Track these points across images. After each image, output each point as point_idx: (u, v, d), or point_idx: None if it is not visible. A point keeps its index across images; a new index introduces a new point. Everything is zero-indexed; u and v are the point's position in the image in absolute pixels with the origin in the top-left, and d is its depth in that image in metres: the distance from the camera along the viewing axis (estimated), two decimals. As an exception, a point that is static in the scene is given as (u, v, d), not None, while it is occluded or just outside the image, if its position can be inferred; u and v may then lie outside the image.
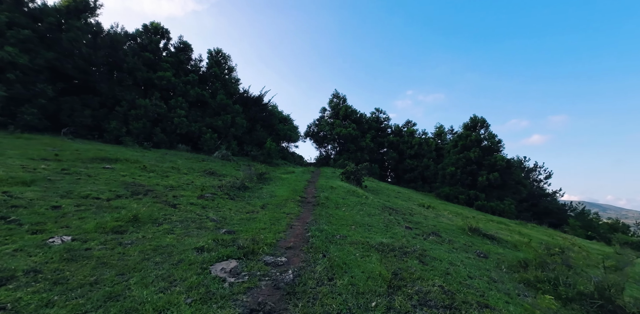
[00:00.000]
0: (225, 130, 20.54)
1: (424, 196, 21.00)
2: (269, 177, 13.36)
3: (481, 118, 23.07)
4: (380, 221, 7.47)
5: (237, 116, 21.67)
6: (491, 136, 22.30)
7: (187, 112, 19.38)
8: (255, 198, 8.95)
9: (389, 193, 15.52)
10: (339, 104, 36.35)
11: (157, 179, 8.37)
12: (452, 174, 22.29)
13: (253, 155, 20.58)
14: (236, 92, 24.15)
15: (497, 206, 19.65)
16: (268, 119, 24.99)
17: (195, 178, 9.81)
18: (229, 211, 6.67)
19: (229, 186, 9.46)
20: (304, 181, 13.62)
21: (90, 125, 15.54)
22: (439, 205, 15.32)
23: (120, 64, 17.54)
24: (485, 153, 22.15)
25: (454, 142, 24.67)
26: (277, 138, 26.80)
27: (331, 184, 12.69)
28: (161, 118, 17.99)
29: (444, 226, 8.36)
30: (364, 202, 9.51)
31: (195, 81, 20.93)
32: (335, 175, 17.70)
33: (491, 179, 20.31)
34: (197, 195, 7.51)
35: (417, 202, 14.00)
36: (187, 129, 18.33)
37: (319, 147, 36.96)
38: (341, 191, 11.13)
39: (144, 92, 18.55)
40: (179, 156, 15.18)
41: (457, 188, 21.80)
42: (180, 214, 5.63)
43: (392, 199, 13.09)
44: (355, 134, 32.59)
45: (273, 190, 10.58)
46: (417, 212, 10.52)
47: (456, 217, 12.01)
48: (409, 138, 34.92)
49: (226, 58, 24.65)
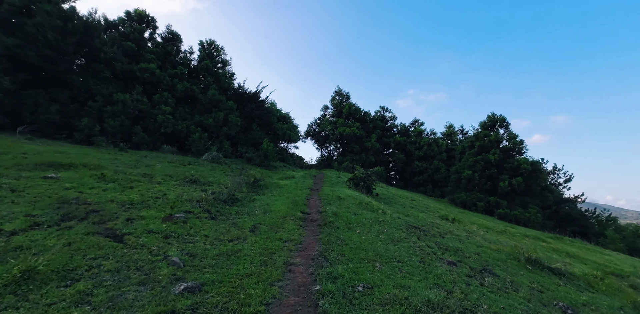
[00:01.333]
0: (217, 129, 18.71)
1: (439, 203, 19.18)
2: (264, 185, 11.54)
3: (500, 116, 21.25)
4: (411, 250, 5.64)
5: (231, 114, 19.85)
6: (512, 136, 20.49)
7: (173, 108, 17.56)
8: (244, 215, 7.14)
9: (403, 202, 13.70)
10: (342, 102, 34.55)
11: (115, 192, 6.54)
12: (469, 178, 20.47)
13: (248, 157, 18.76)
14: (230, 87, 22.33)
15: (521, 214, 17.84)
16: (265, 117, 23.17)
17: (170, 189, 7.98)
18: (203, 242, 4.84)
19: (213, 199, 7.64)
20: (305, 188, 11.80)
21: (59, 123, 13.71)
22: (461, 216, 13.50)
23: (96, 54, 15.71)
24: (506, 155, 20.33)
25: (470, 143, 22.85)
26: (275, 138, 24.99)
27: (338, 193, 10.86)
28: (143, 115, 16.17)
29: (490, 254, 6.53)
30: (382, 220, 7.68)
31: (183, 74, 19.12)
32: (341, 180, 15.87)
33: (514, 185, 18.49)
34: (163, 215, 5.68)
35: (438, 214, 12.18)
36: (172, 128, 16.50)
37: (320, 148, 35.16)
38: (351, 203, 9.31)
39: (124, 86, 16.72)
40: (160, 159, 13.35)
41: (475, 194, 19.99)
42: (123, 254, 3.80)
43: (410, 211, 11.27)
44: (360, 134, 30.77)
45: (269, 202, 8.76)
46: (445, 230, 8.70)
47: (489, 234, 10.19)
48: (417, 138, 33.12)
49: (219, 50, 22.84)
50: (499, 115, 21.44)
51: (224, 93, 21.74)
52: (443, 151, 31.39)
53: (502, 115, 21.12)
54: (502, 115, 21.12)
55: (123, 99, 14.93)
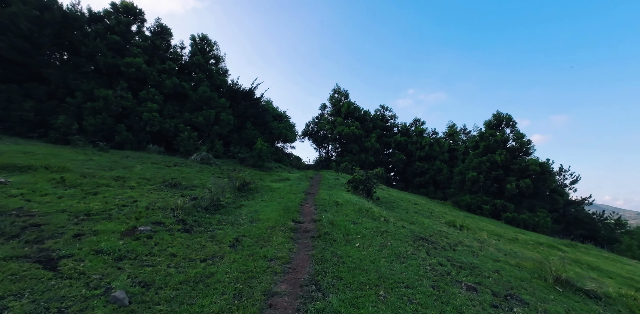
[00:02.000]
0: (208, 128, 17.80)
1: (442, 207, 18.33)
2: (254, 188, 10.65)
3: (506, 115, 20.43)
4: (420, 270, 4.77)
5: (223, 112, 18.95)
6: (519, 135, 19.68)
7: (161, 106, 16.65)
8: (227, 225, 6.26)
9: (406, 206, 12.84)
10: (340, 100, 33.70)
11: (73, 199, 5.64)
12: (474, 180, 19.64)
13: (241, 157, 17.86)
14: (223, 84, 21.42)
15: (529, 219, 17.01)
16: (260, 115, 22.27)
17: (144, 194, 7.09)
18: (167, 264, 3.96)
19: (192, 207, 6.76)
20: (300, 192, 10.92)
21: (34, 120, 12.78)
22: (468, 222, 12.65)
23: (77, 47, 14.78)
24: (513, 156, 19.51)
25: (474, 143, 22.03)
26: (271, 137, 24.11)
27: (336, 197, 9.99)
28: (128, 113, 15.25)
29: (511, 272, 5.67)
30: (384, 230, 6.82)
31: (172, 69, 18.20)
32: (339, 183, 15.01)
33: (522, 187, 17.67)
34: (124, 229, 4.79)
35: (444, 220, 11.32)
36: (159, 127, 15.59)
37: (318, 148, 34.29)
38: (350, 210, 8.43)
39: (107, 82, 15.80)
40: (143, 160, 12.45)
41: (480, 197, 19.15)
42: (47, 288, 2.90)
43: (414, 217, 10.41)
44: (359, 133, 29.91)
45: (257, 209, 7.88)
46: (454, 240, 7.84)
47: (502, 243, 9.34)
48: (418, 138, 32.31)
49: (212, 45, 21.94)
50: (504, 114, 20.64)
51: (217, 90, 20.84)
52: (445, 151, 30.60)
53: (508, 113, 20.33)
54: (508, 113, 20.33)
55: (105, 95, 14.01)
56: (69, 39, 14.66)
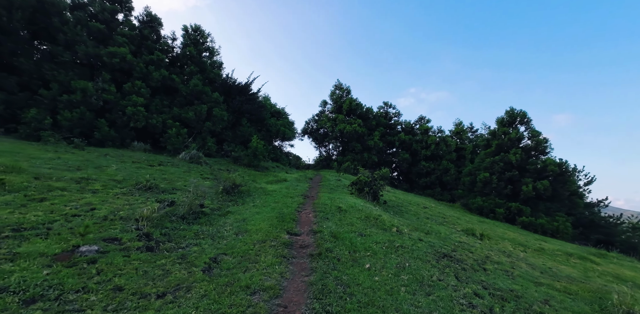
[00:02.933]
0: (199, 124, 16.65)
1: (452, 210, 17.19)
2: (246, 191, 9.51)
3: (521, 111, 19.24)
4: (456, 308, 3.62)
5: (216, 107, 17.79)
6: (535, 133, 18.49)
7: (148, 100, 15.50)
8: (206, 239, 5.14)
9: (416, 211, 11.70)
10: (342, 97, 32.53)
11: (7, 208, 4.50)
12: (486, 181, 18.48)
13: (235, 156, 16.72)
14: (217, 78, 20.23)
15: (548, 224, 15.85)
16: (257, 111, 21.11)
17: (107, 200, 5.94)
18: (103, 305, 2.82)
19: (164, 215, 5.62)
20: (298, 196, 9.77)
21: (4, 114, 11.65)
22: (485, 229, 11.51)
23: (54, 35, 13.63)
24: (528, 155, 18.34)
25: (485, 142, 20.86)
26: (268, 135, 22.96)
27: (338, 202, 8.84)
28: (110, 107, 14.10)
29: (564, 302, 4.52)
30: (399, 245, 5.68)
31: (161, 60, 17.04)
32: (342, 184, 13.86)
33: (539, 189, 16.50)
34: (61, 250, 3.65)
35: (460, 227, 10.18)
36: (145, 122, 14.43)
37: (318, 147, 33.16)
38: (356, 218, 7.29)
39: (89, 73, 14.65)
40: (124, 158, 11.31)
41: (493, 199, 18.00)
42: None
43: (428, 224, 9.26)
44: (362, 132, 28.77)
45: (246, 217, 6.74)
46: (480, 254, 6.70)
47: (530, 256, 8.19)
48: (423, 137, 31.14)
49: (206, 37, 20.76)
50: (519, 110, 19.44)
51: (210, 84, 19.69)
52: (452, 151, 29.45)
53: (523, 110, 19.14)
54: (523, 110, 19.14)
55: (83, 87, 12.85)
56: (45, 25, 13.50)
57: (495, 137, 19.97)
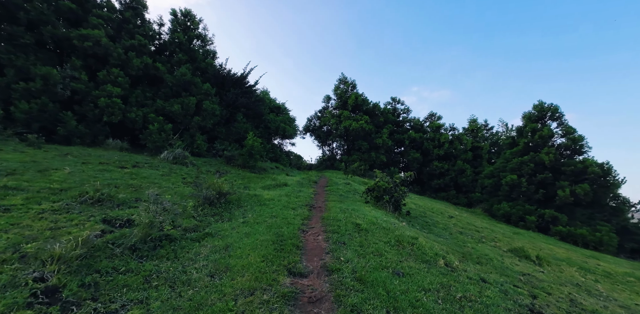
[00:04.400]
0: (186, 118, 14.74)
1: (476, 217, 15.28)
2: (235, 200, 7.62)
3: (553, 106, 17.26)
4: None
5: (207, 99, 15.89)
6: (569, 130, 16.53)
7: (126, 91, 13.62)
8: (160, 290, 3.26)
9: (445, 224, 9.80)
10: (346, 92, 30.59)
11: None
12: (513, 184, 16.54)
13: (228, 156, 14.83)
14: (209, 68, 18.31)
15: (589, 234, 13.92)
16: (254, 106, 19.19)
17: (22, 222, 4.06)
18: None
19: (101, 246, 3.74)
20: (301, 206, 7.88)
21: (-55, 105, 9.78)
22: (526, 243, 9.59)
23: (13, 13, 11.74)
24: (562, 155, 16.39)
25: (511, 140, 18.91)
26: (267, 132, 21.06)
27: (354, 216, 6.93)
28: (80, 98, 12.23)
29: None
30: (461, 296, 3.77)
31: (143, 46, 15.14)
32: (352, 189, 11.96)
33: (579, 194, 14.56)
34: None
35: (506, 246, 8.27)
36: (121, 116, 12.55)
37: (321, 145, 31.30)
38: (382, 242, 5.39)
39: (57, 59, 12.77)
40: (89, 159, 9.44)
41: (522, 205, 16.07)
42: None
43: (468, 244, 7.36)
44: (369, 129, 26.85)
45: (230, 242, 4.86)
46: (563, 299, 4.79)
47: (608, 288, 6.27)
48: (436, 135, 29.20)
49: (197, 23, 18.83)
50: (549, 104, 17.47)
51: (201, 75, 17.80)
52: (468, 150, 27.51)
53: (555, 104, 17.16)
54: (555, 104, 17.16)
55: (45, 73, 10.98)
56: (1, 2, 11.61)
57: (522, 134, 18.02)
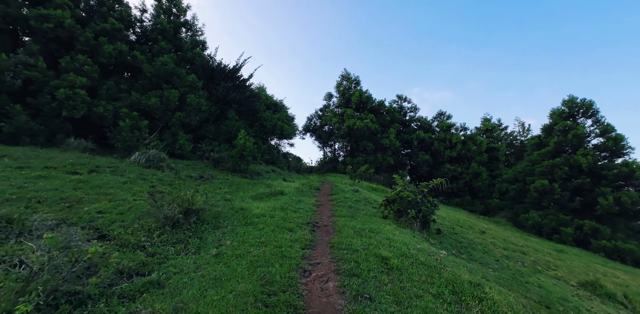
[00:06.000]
0: (166, 114, 12.88)
1: (504, 229, 13.38)
2: (211, 219, 5.72)
3: (588, 101, 15.42)
4: None
5: (192, 93, 14.03)
6: (607, 129, 14.68)
7: (96, 81, 11.77)
8: None
9: (483, 244, 7.92)
10: (350, 88, 28.81)
11: None
12: (544, 190, 14.67)
13: (215, 158, 12.95)
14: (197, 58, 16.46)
15: (639, 250, 12.02)
16: (247, 102, 17.35)
17: None
18: None
19: None
20: (301, 225, 5.98)
21: None
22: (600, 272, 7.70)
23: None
24: (600, 157, 14.53)
25: (537, 140, 17.05)
26: (262, 131, 19.19)
27: (375, 243, 5.02)
28: (35, 89, 10.37)
29: None
30: None
31: (118, 31, 13.30)
32: (363, 198, 10.05)
33: (624, 203, 12.69)
34: None
35: (574, 278, 6.37)
36: (85, 111, 10.69)
37: (322, 146, 29.45)
38: (431, 295, 3.48)
39: (10, 42, 10.94)
40: (33, 163, 7.58)
41: (554, 214, 14.18)
42: None
43: (525, 276, 5.47)
44: (375, 128, 25.03)
45: (186, 301, 2.93)
46: None
47: None
48: (446, 135, 27.37)
49: (183, 9, 17.01)
50: (582, 99, 15.64)
51: (188, 67, 15.98)
52: (483, 151, 25.67)
53: (589, 99, 15.33)
54: (589, 99, 15.33)
55: (-13, 57, 9.12)
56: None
57: (551, 133, 16.17)
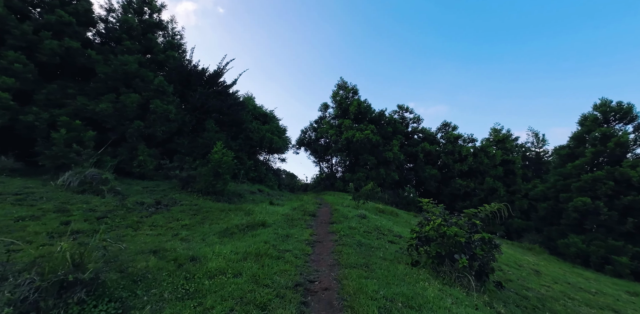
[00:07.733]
0: (121, 124, 10.52)
1: (546, 261, 10.90)
2: (114, 292, 3.21)
3: (626, 105, 13.48)
4: None
5: (158, 98, 11.77)
6: (653, 135, 12.66)
7: (30, 83, 9.50)
8: None
9: (560, 300, 5.44)
10: (347, 98, 26.92)
11: None
12: (586, 209, 12.35)
13: (183, 178, 10.47)
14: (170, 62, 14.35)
15: None
16: (230, 111, 15.14)
17: None
18: None
19: None
20: (283, 288, 3.51)
21: None
22: None
23: None
24: (649, 168, 12.37)
25: (568, 150, 14.92)
26: (248, 145, 16.86)
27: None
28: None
29: None
30: None
31: (66, 24, 11.20)
32: (372, 227, 7.59)
33: (695, 225, 10.38)
34: None
35: None
36: (4, 120, 8.31)
37: (319, 161, 27.10)
38: None
39: None
40: None
41: (602, 239, 11.78)
42: None
43: None
44: (376, 140, 22.86)
45: None
46: None
47: None
48: (454, 147, 25.29)
49: (155, 7, 15.12)
50: (617, 102, 13.72)
51: (159, 70, 13.89)
52: (497, 164, 23.51)
53: (627, 102, 13.41)
54: (627, 102, 13.41)
55: None
56: None
57: (585, 142, 14.08)
